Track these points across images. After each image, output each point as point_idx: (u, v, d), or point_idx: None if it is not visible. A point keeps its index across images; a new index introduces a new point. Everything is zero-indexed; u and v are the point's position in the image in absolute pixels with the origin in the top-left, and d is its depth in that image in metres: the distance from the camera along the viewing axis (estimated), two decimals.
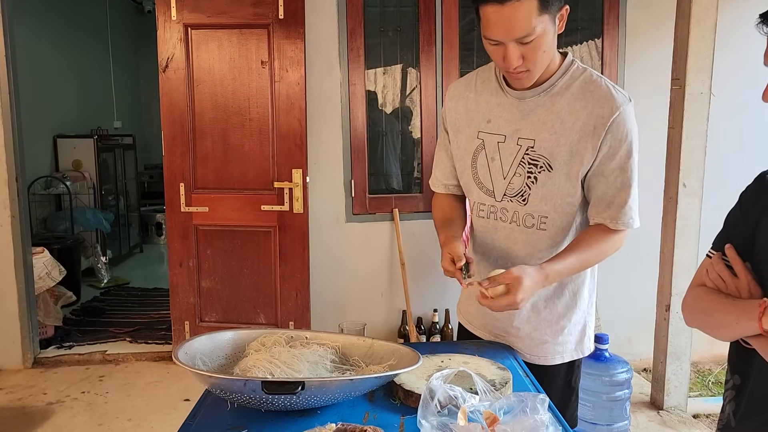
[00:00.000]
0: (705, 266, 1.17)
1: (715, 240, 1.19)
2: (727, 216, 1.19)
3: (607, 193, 1.45)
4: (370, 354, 1.37)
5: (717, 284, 1.12)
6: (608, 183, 1.44)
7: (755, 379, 1.09)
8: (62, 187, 5.30)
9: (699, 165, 3.01)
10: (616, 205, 1.45)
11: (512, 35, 1.31)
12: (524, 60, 1.35)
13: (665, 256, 3.12)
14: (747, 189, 1.17)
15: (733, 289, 1.09)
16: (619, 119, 1.40)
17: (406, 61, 3.75)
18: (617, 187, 1.44)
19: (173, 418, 3.06)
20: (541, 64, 1.39)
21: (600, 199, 1.46)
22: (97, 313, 4.62)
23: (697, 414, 3.19)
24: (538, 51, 1.34)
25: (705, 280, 1.15)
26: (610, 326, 3.34)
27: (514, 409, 1.09)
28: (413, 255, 3.74)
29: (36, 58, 5.21)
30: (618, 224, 1.46)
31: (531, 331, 1.59)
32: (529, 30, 1.30)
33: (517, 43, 1.33)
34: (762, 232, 1.09)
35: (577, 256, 1.44)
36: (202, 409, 1.26)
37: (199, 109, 3.48)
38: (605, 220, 1.47)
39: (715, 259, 1.14)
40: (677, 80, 3.01)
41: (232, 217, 3.54)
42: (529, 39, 1.31)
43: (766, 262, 1.07)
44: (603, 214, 1.47)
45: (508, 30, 1.30)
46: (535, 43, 1.33)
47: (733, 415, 1.14)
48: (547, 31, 1.33)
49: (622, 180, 1.44)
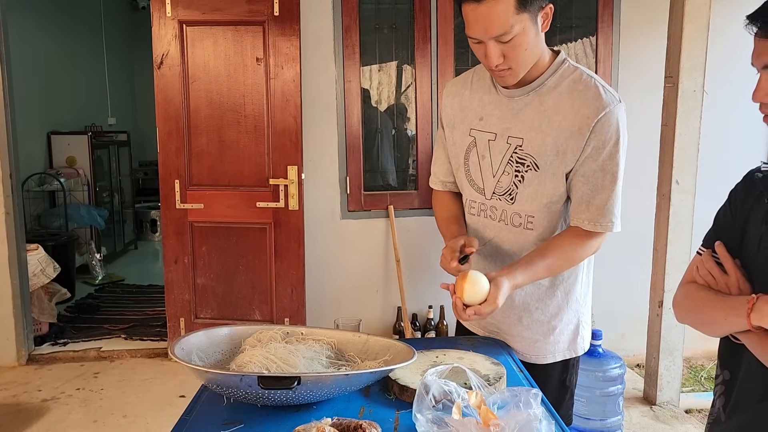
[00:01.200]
0: (695, 263, 1.18)
1: (705, 237, 1.20)
2: (717, 214, 1.20)
3: (587, 193, 1.43)
4: (365, 350, 1.38)
5: (707, 281, 1.13)
6: (589, 183, 1.43)
7: (744, 374, 1.10)
8: (56, 183, 5.29)
9: (692, 162, 3.03)
10: (595, 207, 1.43)
11: (490, 33, 1.32)
12: (505, 58, 1.36)
13: (658, 253, 3.14)
14: (736, 187, 1.18)
15: (722, 285, 1.10)
16: (604, 120, 1.38)
17: (402, 58, 3.76)
18: (597, 189, 1.42)
19: (169, 415, 3.06)
20: (524, 62, 1.39)
21: (580, 199, 1.45)
22: (91, 310, 4.61)
23: (689, 409, 3.21)
24: (518, 49, 1.34)
25: (695, 276, 1.16)
26: (603, 322, 3.35)
27: (507, 404, 1.10)
28: (408, 252, 3.75)
29: (30, 54, 5.19)
30: (596, 226, 1.44)
31: (522, 331, 1.59)
32: (506, 28, 1.30)
33: (496, 41, 1.33)
34: (751, 229, 1.11)
35: (544, 263, 1.44)
36: (199, 404, 1.26)
37: (194, 105, 3.48)
38: (583, 222, 1.45)
39: (705, 256, 1.15)
40: (670, 78, 3.02)
41: (227, 213, 3.54)
42: (507, 38, 1.32)
43: (754, 259, 1.09)
44: (581, 215, 1.45)
45: (486, 28, 1.31)
46: (515, 42, 1.33)
47: (723, 409, 1.15)
48: (527, 30, 1.33)
49: (603, 181, 1.42)
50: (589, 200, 1.44)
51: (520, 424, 1.02)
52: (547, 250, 1.46)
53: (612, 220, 1.44)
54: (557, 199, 1.47)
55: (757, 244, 1.08)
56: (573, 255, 1.48)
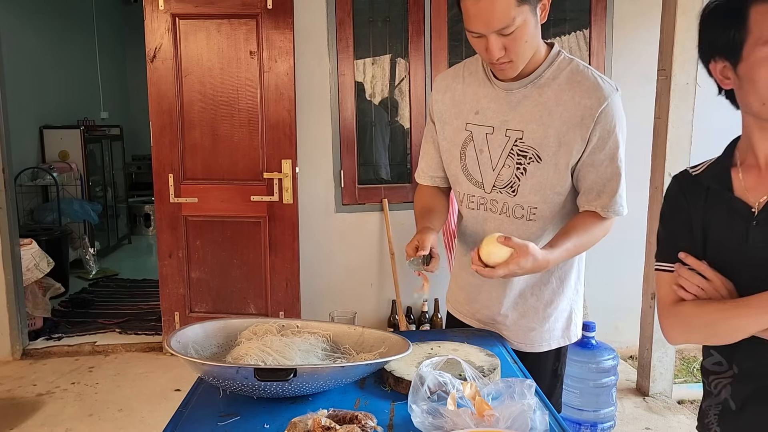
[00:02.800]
0: (668, 282, 1.15)
1: (660, 255, 1.18)
2: (660, 231, 1.19)
3: (598, 182, 1.47)
4: (360, 342, 1.39)
5: (696, 293, 1.11)
6: (599, 173, 1.46)
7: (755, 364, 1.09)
8: (49, 178, 5.26)
9: (684, 154, 3.05)
10: (607, 194, 1.47)
11: (492, 27, 1.32)
12: (507, 51, 1.36)
13: (651, 245, 3.16)
14: (670, 193, 1.19)
15: (712, 292, 1.09)
16: (607, 110, 1.41)
17: (395, 51, 3.75)
18: (608, 177, 1.46)
19: (164, 408, 3.07)
20: (524, 54, 1.40)
21: (590, 188, 1.48)
22: (85, 304, 4.60)
23: (681, 400, 3.24)
24: (519, 42, 1.35)
25: (681, 294, 1.12)
26: (596, 314, 3.37)
27: (502, 395, 1.11)
28: (403, 245, 3.69)
29: (21, 48, 5.15)
30: (609, 212, 1.48)
31: (518, 318, 1.61)
32: (509, 21, 1.31)
33: (498, 34, 1.33)
34: (716, 229, 1.10)
35: (573, 242, 1.45)
36: (195, 396, 1.27)
37: (187, 99, 3.47)
38: (596, 208, 1.49)
39: (682, 270, 1.12)
40: (663, 71, 3.03)
41: (221, 207, 3.54)
42: (509, 30, 1.32)
43: (736, 256, 1.08)
44: (594, 203, 1.48)
45: (488, 22, 1.32)
46: (516, 34, 1.34)
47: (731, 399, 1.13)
48: (528, 22, 1.34)
49: (612, 169, 1.46)
50: (600, 188, 1.47)
51: (514, 415, 1.04)
52: (573, 230, 1.47)
53: (622, 204, 1.50)
54: (561, 190, 1.49)
55: (739, 240, 1.08)
56: (595, 234, 1.50)
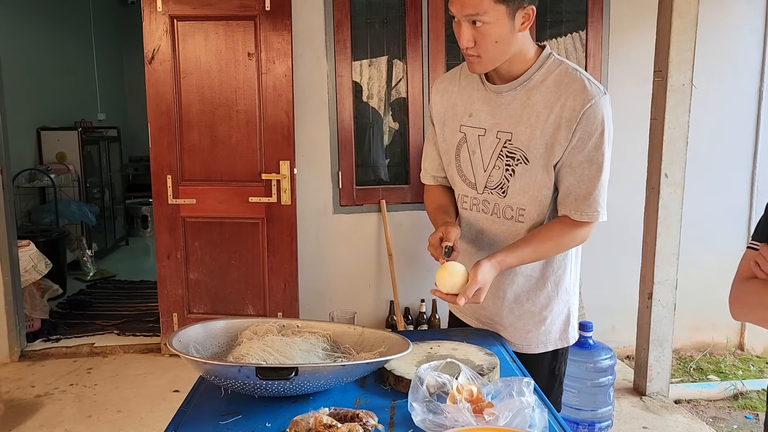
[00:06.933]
0: (749, 258, 1.14)
1: (757, 230, 1.17)
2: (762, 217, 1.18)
3: (573, 184, 1.47)
4: (360, 341, 1.40)
5: None
6: (575, 174, 1.46)
7: None
8: (46, 179, 5.26)
9: (681, 155, 3.06)
10: (582, 197, 1.47)
11: (463, 11, 1.36)
12: (476, 45, 1.39)
13: (647, 246, 3.18)
14: None
15: None
16: (590, 111, 1.41)
17: (393, 52, 3.77)
18: (583, 179, 1.46)
19: (163, 409, 3.07)
20: (493, 55, 1.41)
21: (567, 190, 1.48)
22: (83, 305, 4.60)
23: (678, 399, 3.26)
24: (488, 39, 1.38)
25: (756, 272, 1.11)
26: (594, 314, 3.39)
27: (501, 393, 1.12)
28: (401, 246, 3.77)
29: (18, 50, 5.15)
30: (582, 215, 1.47)
31: (514, 321, 1.62)
32: (479, 10, 1.34)
33: (469, 23, 1.37)
34: None
35: (532, 248, 1.48)
36: (196, 396, 1.28)
37: (185, 101, 3.47)
38: (569, 211, 1.48)
39: (764, 250, 1.11)
40: (659, 72, 3.05)
41: (219, 209, 3.54)
42: (479, 20, 1.35)
43: None
44: (568, 205, 1.49)
45: (462, 4, 1.36)
46: (486, 30, 1.36)
47: None
48: (501, 23, 1.36)
49: (589, 171, 1.45)
50: (575, 190, 1.47)
51: (513, 412, 1.05)
52: (533, 235, 1.50)
53: (598, 210, 1.48)
54: (548, 192, 1.50)
55: None
56: (560, 241, 1.51)
